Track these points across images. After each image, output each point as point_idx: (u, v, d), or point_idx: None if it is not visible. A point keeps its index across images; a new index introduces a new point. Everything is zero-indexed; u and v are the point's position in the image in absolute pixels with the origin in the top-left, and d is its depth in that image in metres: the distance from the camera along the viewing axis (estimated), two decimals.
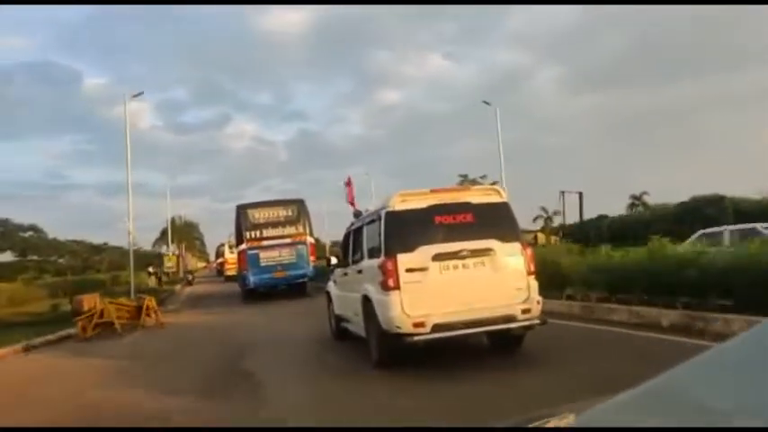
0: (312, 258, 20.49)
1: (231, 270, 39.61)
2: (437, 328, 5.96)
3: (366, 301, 6.81)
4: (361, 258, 7.35)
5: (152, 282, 33.63)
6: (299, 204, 20.88)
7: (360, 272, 7.24)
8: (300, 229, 20.26)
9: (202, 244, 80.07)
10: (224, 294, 25.09)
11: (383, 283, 6.15)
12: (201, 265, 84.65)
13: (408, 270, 6.11)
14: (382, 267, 6.19)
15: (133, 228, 22.47)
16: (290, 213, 20.36)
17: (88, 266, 52.44)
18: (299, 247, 20.11)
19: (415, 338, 5.91)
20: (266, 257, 19.54)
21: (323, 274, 23.24)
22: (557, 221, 49.90)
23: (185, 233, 64.50)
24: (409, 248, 6.18)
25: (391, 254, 6.17)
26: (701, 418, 0.67)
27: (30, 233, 54.89)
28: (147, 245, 60.44)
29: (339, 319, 8.80)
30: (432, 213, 6.36)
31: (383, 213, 6.42)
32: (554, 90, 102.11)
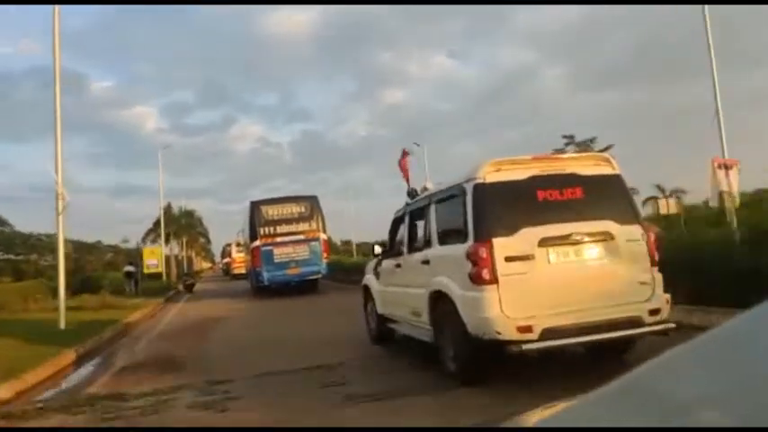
0: (325, 255, 20.08)
1: (239, 268, 39.28)
2: (548, 333, 4.55)
3: (438, 298, 5.41)
4: (427, 245, 5.93)
5: (128, 285, 24.53)
6: (313, 201, 20.39)
7: (425, 262, 5.81)
8: (314, 225, 19.87)
9: (208, 241, 67.57)
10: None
11: (474, 275, 4.73)
12: (207, 265, 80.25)
13: (508, 259, 4.69)
14: (472, 255, 4.77)
15: (61, 180, 11.77)
16: (303, 210, 19.95)
17: (80, 267, 40.56)
18: (313, 243, 19.64)
19: (523, 347, 4.49)
20: (280, 254, 19.20)
21: (333, 270, 23.12)
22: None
23: (186, 226, 52.45)
24: (508, 231, 4.78)
25: (485, 238, 4.75)
26: (672, 414, 0.64)
27: None
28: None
29: (383, 319, 7.41)
30: (534, 186, 4.96)
31: (470, 186, 4.99)
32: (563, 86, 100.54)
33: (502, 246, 4.70)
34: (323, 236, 20.29)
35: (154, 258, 30.78)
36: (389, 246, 7.37)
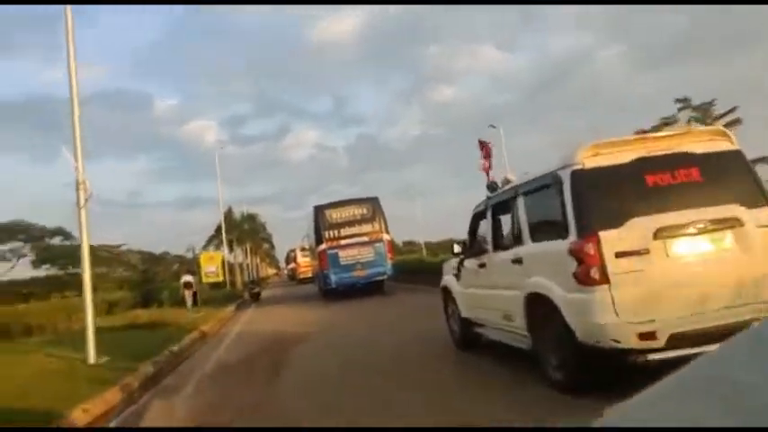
0: (390, 256, 20.15)
1: (305, 273, 39.97)
2: (676, 340, 3.93)
3: (535, 301, 4.88)
4: (517, 242, 5.39)
5: (189, 298, 21.53)
6: (374, 202, 20.54)
7: (517, 261, 5.28)
8: (377, 226, 20.06)
9: (272, 247, 65.85)
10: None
11: (581, 274, 4.17)
12: (272, 271, 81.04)
13: (619, 254, 4.11)
14: (577, 252, 4.22)
15: (82, 167, 9.14)
16: (365, 212, 20.19)
17: (148, 278, 37.95)
18: (377, 244, 19.84)
19: (648, 357, 3.90)
20: (346, 256, 19.51)
21: (399, 271, 22.75)
22: None
23: (249, 231, 49.94)
24: (616, 223, 4.19)
25: (590, 232, 4.19)
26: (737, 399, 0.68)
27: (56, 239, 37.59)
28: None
29: (468, 323, 6.91)
30: (640, 170, 4.35)
31: (567, 174, 4.44)
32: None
33: (610, 240, 4.13)
34: (386, 237, 20.32)
35: (212, 265, 27.49)
36: (469, 244, 6.84)
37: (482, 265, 6.27)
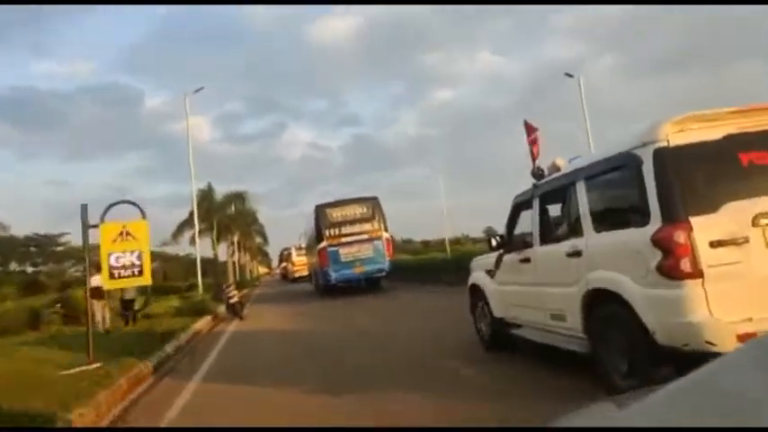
0: (389, 253, 20.75)
1: (299, 271, 39.57)
2: None
3: (597, 298, 4.32)
4: (574, 233, 4.81)
5: (99, 315, 12.75)
6: (374, 202, 21.06)
7: (574, 254, 4.69)
8: (376, 225, 20.65)
9: (265, 241, 54.65)
10: None
11: (669, 267, 3.60)
12: (263, 270, 77.60)
13: (714, 244, 3.55)
14: (664, 241, 3.64)
15: None
16: (365, 211, 20.72)
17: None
18: (376, 242, 20.43)
19: None
20: (346, 254, 20.07)
21: (397, 269, 22.43)
22: None
23: (235, 217, 36.15)
24: (708, 208, 3.64)
25: (680, 217, 3.62)
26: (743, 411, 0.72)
27: None
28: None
29: (501, 323, 6.36)
30: (733, 147, 3.79)
31: (649, 152, 3.86)
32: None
33: (703, 227, 3.57)
34: (386, 235, 20.86)
35: (128, 249, 8.77)
36: (508, 237, 6.25)
37: (525, 260, 5.67)
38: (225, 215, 35.29)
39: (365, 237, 20.28)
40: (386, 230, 20.98)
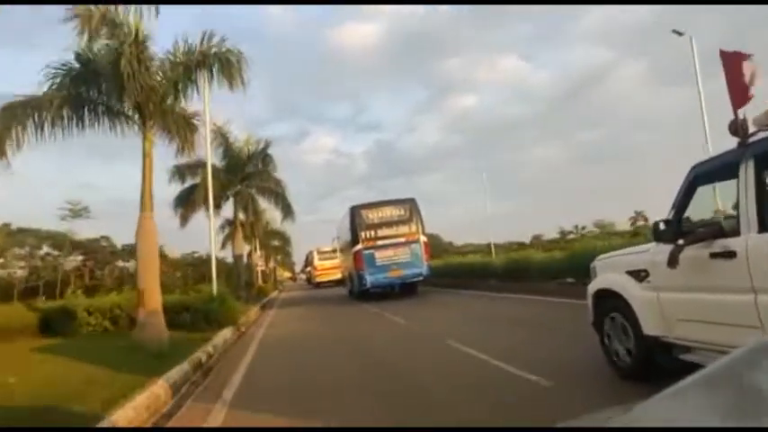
0: (426, 257, 19.83)
1: (322, 276, 38.89)
2: None
3: None
4: None
5: None
6: (411, 203, 20.29)
7: None
8: (413, 228, 19.84)
9: (287, 243, 50.69)
10: None
11: None
12: (287, 275, 75.84)
13: None
14: None
15: None
16: (402, 213, 20.00)
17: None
18: (414, 245, 19.62)
19: None
20: (381, 257, 19.38)
21: (437, 274, 21.78)
22: None
23: (262, 173, 25.66)
24: None
25: None
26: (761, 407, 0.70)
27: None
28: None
29: (654, 344, 4.77)
30: None
31: None
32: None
33: None
34: (423, 238, 19.99)
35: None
36: (675, 224, 4.54)
37: (724, 255, 3.98)
38: (247, 174, 25.65)
39: (402, 240, 19.44)
40: (423, 233, 19.98)
